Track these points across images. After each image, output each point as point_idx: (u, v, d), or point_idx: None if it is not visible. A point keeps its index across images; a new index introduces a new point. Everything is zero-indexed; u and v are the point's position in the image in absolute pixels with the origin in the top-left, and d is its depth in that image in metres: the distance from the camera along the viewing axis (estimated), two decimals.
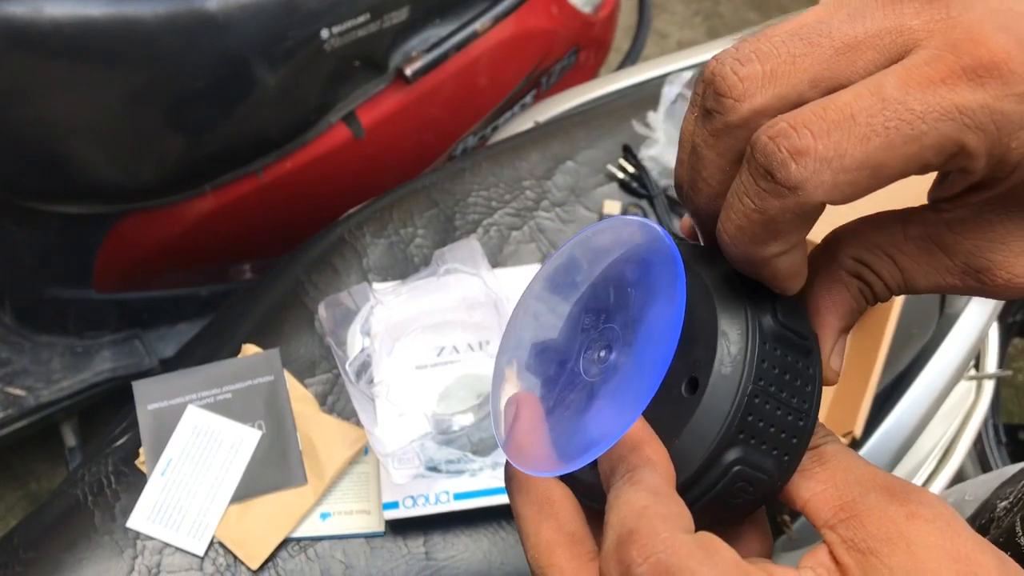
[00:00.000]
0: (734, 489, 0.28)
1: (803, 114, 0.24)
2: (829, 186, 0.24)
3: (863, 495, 0.27)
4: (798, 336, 0.29)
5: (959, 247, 0.28)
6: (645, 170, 0.86)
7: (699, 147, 0.27)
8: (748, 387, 0.28)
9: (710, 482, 0.28)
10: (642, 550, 0.25)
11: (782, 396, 0.28)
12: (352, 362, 0.65)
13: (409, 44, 1.07)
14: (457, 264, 0.69)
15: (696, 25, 2.07)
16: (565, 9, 1.22)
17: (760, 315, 0.29)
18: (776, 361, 0.28)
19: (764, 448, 0.28)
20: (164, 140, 1.00)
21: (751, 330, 0.28)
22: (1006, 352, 1.39)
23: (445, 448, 0.65)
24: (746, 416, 0.28)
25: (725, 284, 0.29)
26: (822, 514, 0.28)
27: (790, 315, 0.29)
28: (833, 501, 0.28)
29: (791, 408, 0.28)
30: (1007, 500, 0.48)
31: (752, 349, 0.28)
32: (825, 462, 0.29)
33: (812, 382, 0.29)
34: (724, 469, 0.28)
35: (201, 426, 0.70)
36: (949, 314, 0.85)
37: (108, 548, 0.66)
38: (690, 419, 0.28)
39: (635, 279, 0.30)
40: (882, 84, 0.24)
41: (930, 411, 0.83)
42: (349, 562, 0.67)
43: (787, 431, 0.28)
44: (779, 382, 0.28)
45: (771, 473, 0.29)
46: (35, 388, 1.16)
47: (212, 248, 1.16)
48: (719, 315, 0.29)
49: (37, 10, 0.83)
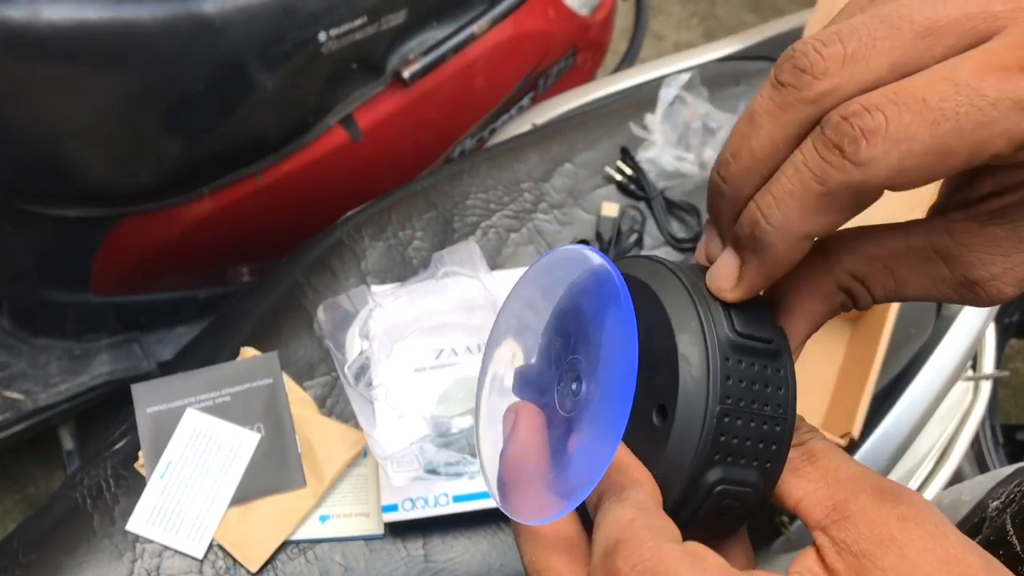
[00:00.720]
0: (720, 507, 0.28)
1: (877, 96, 0.24)
2: (895, 168, 0.24)
3: (855, 495, 0.27)
4: (761, 342, 0.29)
5: (962, 259, 0.28)
6: (643, 172, 0.86)
7: (759, 116, 0.27)
8: (715, 408, 0.27)
9: (695, 505, 0.28)
10: (628, 559, 0.25)
11: (753, 408, 0.28)
12: (351, 365, 0.65)
13: (406, 47, 1.07)
14: (456, 266, 0.69)
15: (693, 27, 2.07)
16: (562, 11, 1.22)
17: (717, 330, 0.28)
18: (741, 374, 0.28)
19: (743, 462, 0.28)
20: (162, 143, 1.00)
21: (710, 348, 0.28)
22: (1003, 353, 1.39)
23: (444, 451, 0.65)
24: (718, 437, 0.27)
25: (679, 302, 0.29)
26: (814, 514, 0.28)
27: (748, 322, 0.29)
28: (825, 501, 0.28)
29: (765, 417, 0.28)
30: (999, 500, 0.48)
31: (713, 368, 0.28)
32: (815, 460, 0.29)
33: (784, 384, 0.29)
34: (707, 491, 0.28)
35: (200, 429, 0.70)
36: (946, 315, 0.86)
37: (107, 551, 0.66)
38: (665, 446, 0.28)
39: (589, 312, 0.30)
40: (957, 69, 0.24)
41: (928, 412, 0.83)
42: (348, 564, 0.67)
43: (765, 440, 0.28)
44: (748, 395, 0.28)
45: (755, 485, 0.28)
46: (33, 391, 1.16)
47: (210, 251, 1.16)
48: (677, 337, 0.28)
49: (35, 13, 0.83)
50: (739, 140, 0.27)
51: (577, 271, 0.31)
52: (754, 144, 0.27)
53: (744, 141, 0.27)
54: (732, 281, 0.29)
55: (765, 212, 0.26)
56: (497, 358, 0.34)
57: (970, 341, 0.85)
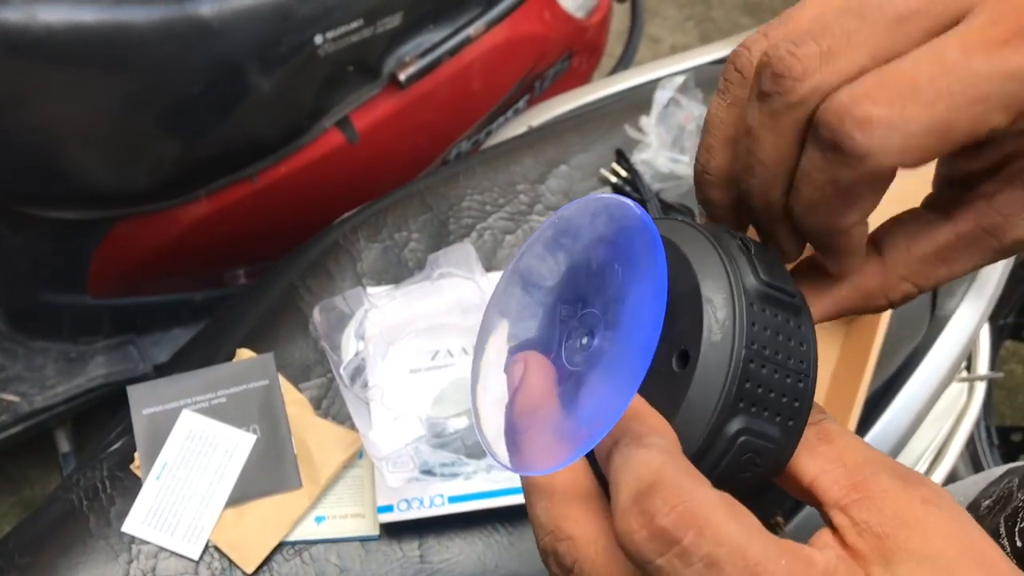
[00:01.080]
0: (742, 461, 0.27)
1: (862, 85, 0.24)
2: (899, 151, 0.24)
3: (875, 475, 0.26)
4: (785, 294, 0.28)
5: (1008, 226, 0.28)
6: (638, 174, 0.86)
7: (756, 130, 0.27)
8: (742, 352, 0.26)
9: (716, 456, 0.27)
10: (668, 499, 0.23)
11: (778, 358, 0.27)
12: (346, 366, 0.66)
13: (403, 49, 1.07)
14: (451, 268, 0.69)
15: (688, 30, 2.08)
16: (558, 14, 1.22)
17: (742, 276, 0.27)
18: (767, 322, 0.27)
19: (767, 415, 0.27)
20: (158, 145, 1.00)
21: (736, 293, 0.27)
22: (998, 354, 1.40)
23: (439, 451, 0.65)
24: (744, 382, 0.26)
25: (703, 251, 0.28)
26: (832, 493, 0.27)
27: (773, 274, 0.28)
28: (843, 480, 0.27)
29: (789, 369, 0.27)
30: (990, 499, 0.48)
31: (740, 312, 0.27)
32: (831, 440, 0.28)
33: (806, 340, 0.28)
34: (729, 441, 0.26)
35: (196, 430, 0.71)
36: (940, 316, 0.86)
37: (103, 553, 0.66)
38: (686, 394, 0.26)
39: (610, 258, 0.29)
40: (942, 50, 0.24)
41: (922, 413, 0.83)
42: (344, 565, 0.67)
43: (788, 394, 0.27)
44: (773, 343, 0.27)
45: (778, 440, 0.27)
46: (29, 394, 1.16)
47: (206, 253, 1.16)
48: (701, 282, 0.27)
49: (31, 16, 0.83)
50: (747, 157, 0.28)
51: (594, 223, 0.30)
52: (762, 157, 0.27)
53: (752, 156, 0.27)
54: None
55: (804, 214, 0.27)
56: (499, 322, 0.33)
57: (964, 342, 0.85)
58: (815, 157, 0.25)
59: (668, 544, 0.23)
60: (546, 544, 0.28)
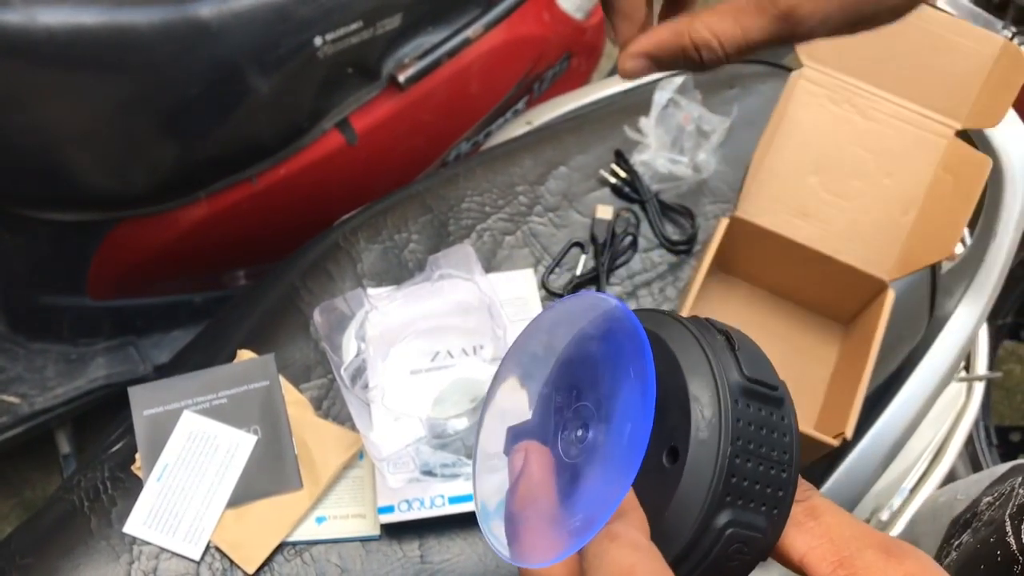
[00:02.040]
0: (730, 552, 0.28)
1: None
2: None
3: (860, 551, 0.28)
4: (767, 387, 0.29)
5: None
6: (637, 175, 0.86)
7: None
8: (727, 448, 0.28)
9: (706, 548, 0.28)
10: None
11: (762, 451, 0.28)
12: (347, 367, 0.66)
13: (402, 51, 1.07)
14: (451, 269, 0.69)
15: None
16: (557, 15, 1.23)
17: (727, 373, 0.29)
18: (751, 417, 0.29)
19: (752, 506, 0.28)
20: (158, 147, 1.00)
21: (721, 390, 0.28)
22: (996, 354, 1.40)
23: (440, 452, 0.65)
24: (730, 478, 0.28)
25: (688, 347, 0.30)
26: (820, 569, 0.28)
27: (756, 368, 0.29)
28: (831, 556, 0.28)
29: (772, 461, 0.29)
30: (991, 496, 0.49)
31: (725, 409, 0.28)
32: (818, 516, 0.30)
33: (788, 432, 0.29)
34: (717, 533, 0.28)
35: (197, 431, 0.71)
36: (939, 316, 0.86)
37: (105, 553, 0.66)
38: (676, 489, 0.28)
39: (602, 355, 0.30)
40: None
41: (921, 413, 0.83)
42: (344, 566, 0.67)
43: (772, 485, 0.29)
44: (757, 438, 0.28)
45: (764, 530, 0.29)
46: (29, 395, 1.16)
47: (206, 255, 1.16)
48: (688, 380, 0.29)
49: (31, 18, 0.83)
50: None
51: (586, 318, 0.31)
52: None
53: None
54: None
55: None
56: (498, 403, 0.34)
57: (963, 342, 0.86)
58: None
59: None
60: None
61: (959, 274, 0.87)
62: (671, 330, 0.31)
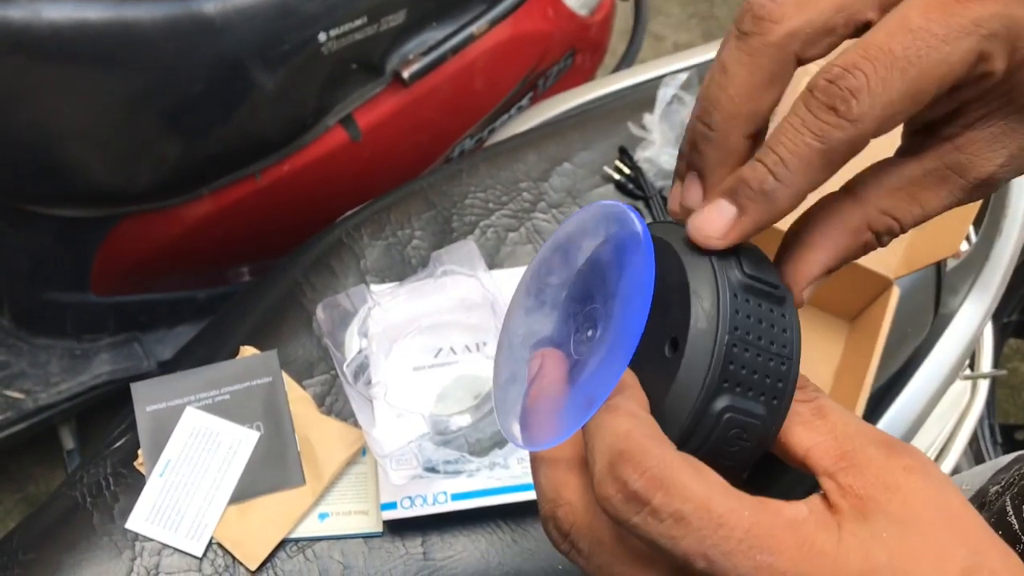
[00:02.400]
0: (728, 437, 0.29)
1: (852, 56, 0.27)
2: (881, 118, 0.27)
3: (863, 446, 0.29)
4: (768, 285, 0.31)
5: (972, 166, 0.31)
6: (641, 171, 0.86)
7: (729, 66, 0.30)
8: (724, 337, 0.29)
9: (704, 433, 0.29)
10: (637, 466, 0.26)
11: (760, 343, 0.30)
12: (350, 363, 0.66)
13: (406, 47, 1.07)
14: (454, 266, 0.69)
15: (692, 28, 2.07)
16: (561, 12, 1.22)
17: (727, 271, 0.30)
18: (749, 311, 0.30)
19: (751, 394, 0.29)
20: (162, 143, 1.00)
21: (720, 284, 0.30)
22: (1001, 352, 1.40)
23: (443, 449, 0.65)
24: (727, 365, 0.29)
25: (692, 249, 0.31)
26: (823, 462, 0.29)
27: (757, 268, 0.31)
28: (834, 450, 0.29)
29: (771, 353, 0.30)
30: (999, 485, 0.48)
31: (724, 302, 0.29)
32: (825, 415, 0.30)
33: (789, 327, 0.31)
34: (715, 418, 0.29)
35: (199, 427, 0.71)
36: (944, 314, 0.86)
37: (107, 549, 0.66)
38: (675, 376, 0.29)
39: (610, 258, 0.32)
40: (908, 15, 0.27)
41: (925, 411, 0.83)
42: (347, 562, 0.67)
43: (771, 376, 0.30)
44: (755, 330, 0.30)
45: (763, 418, 0.30)
46: (33, 391, 1.16)
47: (210, 251, 1.16)
48: (689, 277, 0.30)
49: (35, 13, 0.83)
50: (717, 90, 0.30)
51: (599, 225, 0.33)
52: (732, 92, 0.30)
53: (722, 91, 0.30)
54: (723, 230, 0.31)
55: (773, 170, 0.29)
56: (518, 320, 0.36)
57: (968, 340, 0.85)
58: (808, 116, 0.28)
59: (640, 504, 0.26)
60: (546, 511, 0.31)
61: (964, 272, 0.87)
62: (677, 235, 0.32)
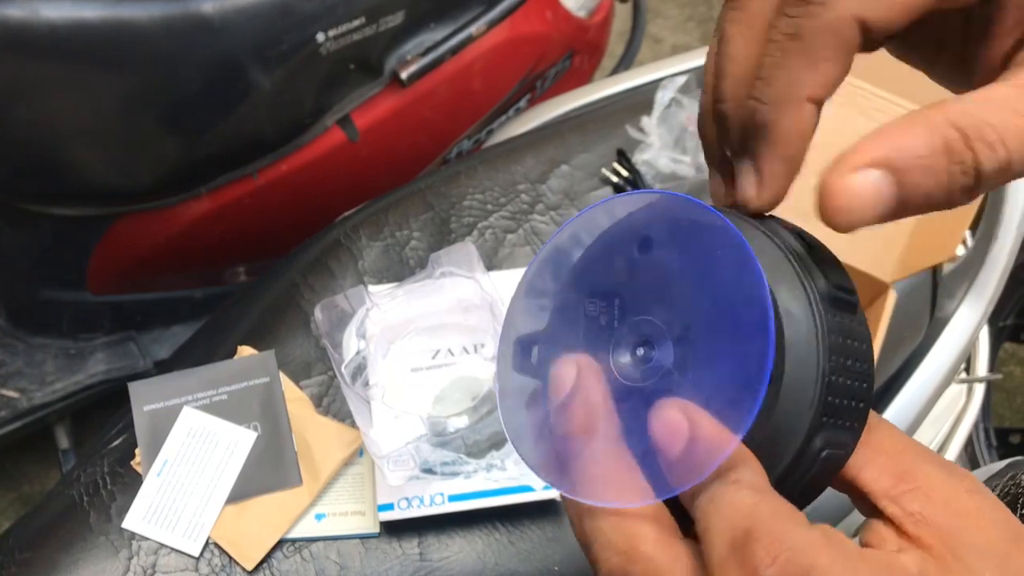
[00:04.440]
0: (824, 473, 0.26)
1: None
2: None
3: (919, 465, 0.26)
4: (847, 292, 0.26)
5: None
6: (639, 174, 0.86)
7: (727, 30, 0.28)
8: (826, 366, 0.25)
9: (802, 472, 0.26)
10: (769, 548, 0.22)
11: (849, 365, 0.26)
12: (347, 364, 0.66)
13: (404, 48, 1.07)
14: (452, 267, 0.69)
15: (690, 30, 2.08)
16: (560, 14, 1.22)
17: (813, 278, 0.26)
18: (840, 329, 0.26)
19: (840, 422, 0.26)
20: (159, 143, 1.00)
21: (813, 302, 0.25)
22: (997, 356, 1.40)
23: (440, 450, 0.65)
24: (827, 398, 0.25)
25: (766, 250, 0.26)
26: (880, 483, 0.26)
27: (835, 271, 0.26)
28: (890, 469, 0.26)
29: (857, 373, 0.26)
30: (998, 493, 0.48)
31: (821, 324, 0.25)
32: (871, 428, 0.27)
33: (866, 339, 0.26)
34: (814, 457, 0.25)
35: (197, 427, 0.71)
36: (940, 318, 0.86)
37: (104, 549, 0.66)
38: (771, 412, 0.25)
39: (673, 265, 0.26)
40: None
41: (921, 414, 0.83)
42: (344, 563, 0.67)
43: (857, 399, 0.26)
44: (846, 351, 0.26)
45: (848, 446, 0.26)
46: (29, 390, 1.16)
47: (207, 250, 1.16)
48: (775, 290, 0.25)
49: (33, 12, 0.83)
50: (722, 60, 0.29)
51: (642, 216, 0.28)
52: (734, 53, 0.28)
53: (726, 59, 0.28)
54: (755, 186, 0.28)
55: (759, 94, 0.27)
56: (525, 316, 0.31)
57: (964, 344, 0.85)
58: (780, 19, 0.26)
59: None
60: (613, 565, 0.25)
61: (960, 276, 0.87)
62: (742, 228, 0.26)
